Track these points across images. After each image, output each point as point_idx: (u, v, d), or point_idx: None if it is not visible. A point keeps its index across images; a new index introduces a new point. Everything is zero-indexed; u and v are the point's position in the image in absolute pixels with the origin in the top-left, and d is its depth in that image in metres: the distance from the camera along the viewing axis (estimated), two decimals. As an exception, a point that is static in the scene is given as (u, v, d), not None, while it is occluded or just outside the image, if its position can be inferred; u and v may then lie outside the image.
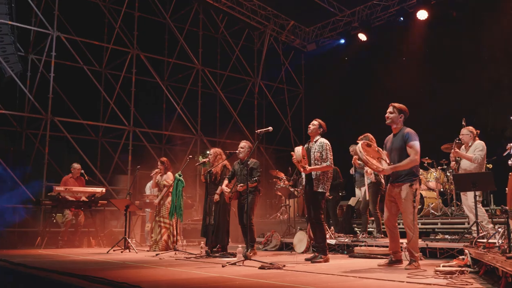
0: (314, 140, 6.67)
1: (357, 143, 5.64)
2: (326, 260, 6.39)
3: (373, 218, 8.79)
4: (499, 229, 5.12)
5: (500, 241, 4.62)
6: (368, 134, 8.03)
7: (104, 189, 10.65)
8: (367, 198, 8.63)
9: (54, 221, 10.46)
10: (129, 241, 8.93)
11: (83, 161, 11.87)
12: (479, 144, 7.33)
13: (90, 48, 13.75)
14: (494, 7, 10.78)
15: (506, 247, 4.04)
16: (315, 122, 6.78)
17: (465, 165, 7.36)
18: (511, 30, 9.67)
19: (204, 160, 8.33)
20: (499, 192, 7.39)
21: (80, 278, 4.65)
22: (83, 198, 10.21)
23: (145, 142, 13.58)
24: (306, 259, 6.51)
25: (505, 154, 5.13)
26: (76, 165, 10.55)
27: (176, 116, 14.44)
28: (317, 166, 6.43)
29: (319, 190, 6.46)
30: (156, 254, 7.81)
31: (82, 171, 10.57)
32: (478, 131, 7.58)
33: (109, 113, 13.75)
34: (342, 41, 14.77)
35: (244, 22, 15.39)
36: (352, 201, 10.05)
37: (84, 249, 9.88)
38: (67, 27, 13.00)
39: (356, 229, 9.85)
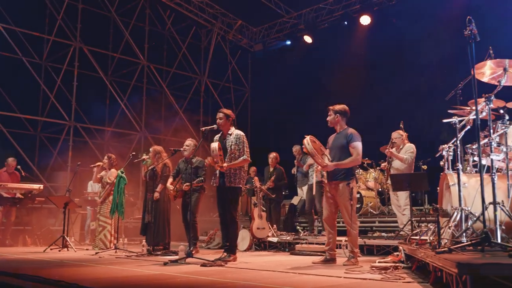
0: (229, 132, 6.29)
1: (304, 137, 5.76)
2: (235, 259, 6.07)
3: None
4: (430, 226, 5.38)
5: (431, 237, 4.86)
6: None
7: (41, 186, 10.26)
8: (310, 196, 8.84)
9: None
10: (68, 239, 8.67)
11: (20, 157, 11.40)
12: (410, 147, 7.80)
13: (30, 40, 13.18)
14: (431, 15, 11.32)
15: (436, 243, 4.27)
16: (220, 114, 6.33)
17: (397, 164, 7.78)
18: (446, 38, 10.14)
19: (144, 157, 8.23)
20: (433, 192, 7.77)
21: (13, 276, 4.48)
22: (18, 195, 9.81)
23: (86, 138, 13.22)
24: (215, 259, 5.87)
25: (437, 155, 5.40)
26: (11, 160, 10.12)
27: (120, 112, 14.15)
28: (235, 162, 6.08)
29: (236, 185, 6.14)
30: (96, 253, 7.63)
31: (19, 166, 10.15)
32: (407, 134, 7.99)
33: (49, 107, 13.25)
34: (288, 42, 15.01)
35: (191, 19, 15.31)
36: (294, 200, 10.25)
37: (19, 248, 9.49)
38: (6, 17, 12.41)
39: (298, 227, 10.04)
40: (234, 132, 6.30)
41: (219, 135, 6.43)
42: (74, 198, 9.90)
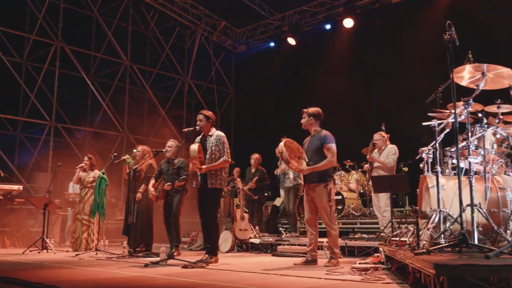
0: (209, 133, 6.30)
1: (281, 141, 5.79)
2: (216, 261, 6.08)
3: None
4: (410, 228, 5.45)
5: (410, 239, 4.92)
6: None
7: (21, 187, 10.14)
8: (288, 198, 8.90)
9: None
10: (47, 241, 8.56)
11: (-1, 157, 11.25)
12: (392, 148, 7.85)
13: (11, 38, 12.98)
14: (414, 20, 11.47)
15: (415, 244, 4.32)
16: (200, 115, 6.32)
17: (379, 166, 7.82)
18: (429, 42, 10.26)
19: (124, 157, 8.17)
20: (414, 194, 7.86)
21: (-9, 279, 4.43)
22: (-3, 196, 9.68)
23: (67, 139, 13.07)
24: (197, 261, 5.87)
25: (417, 157, 5.47)
26: (-10, 160, 9.99)
27: (102, 112, 14.03)
28: (214, 164, 6.09)
29: (216, 186, 6.15)
30: (76, 255, 7.56)
31: (-2, 167, 10.02)
32: (389, 135, 8.07)
33: (29, 107, 13.06)
34: (272, 44, 15.05)
35: (175, 20, 15.25)
36: (277, 201, 10.28)
37: (-3, 249, 9.36)
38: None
39: (281, 228, 10.07)
40: (215, 133, 6.32)
41: (200, 136, 6.44)
42: (54, 199, 9.78)
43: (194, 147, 6.06)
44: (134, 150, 8.28)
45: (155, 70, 15.60)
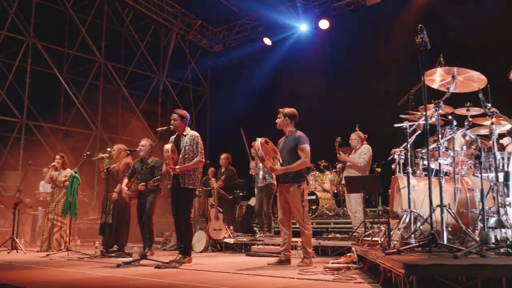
0: (184, 133, 6.28)
1: (256, 140, 5.81)
2: (189, 261, 6.05)
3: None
4: (382, 228, 5.52)
5: (382, 239, 4.99)
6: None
7: (-10, 186, 9.91)
8: (259, 197, 8.93)
9: None
10: (17, 241, 8.40)
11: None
12: (365, 148, 7.97)
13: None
14: (388, 22, 11.62)
15: (386, 244, 4.38)
16: (174, 115, 6.30)
17: (352, 167, 7.94)
18: (403, 44, 10.41)
19: (103, 155, 8.07)
20: (387, 194, 7.98)
21: (-43, 280, 4.31)
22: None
23: (39, 137, 12.83)
24: (170, 261, 5.87)
25: (389, 158, 5.55)
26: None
27: (75, 110, 13.80)
28: (188, 164, 6.07)
29: (189, 186, 6.12)
30: (47, 255, 7.43)
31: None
32: (366, 136, 8.17)
33: (-1, 105, 12.79)
34: (249, 44, 15.05)
35: (150, 18, 15.11)
36: (252, 201, 10.28)
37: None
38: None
39: (255, 228, 10.08)
40: (189, 133, 6.30)
41: (174, 135, 6.41)
42: (25, 199, 9.58)
43: (168, 147, 6.03)
44: (109, 149, 8.19)
45: (129, 68, 15.43)
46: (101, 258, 6.99)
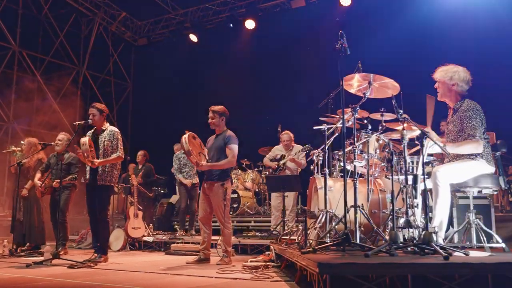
0: (102, 128, 6.11)
1: (185, 133, 5.76)
2: (106, 260, 5.93)
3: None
4: (300, 227, 5.67)
5: (299, 238, 5.12)
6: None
7: None
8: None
9: None
10: None
11: None
12: (298, 148, 8.04)
13: None
14: (313, 26, 11.91)
15: (303, 243, 4.50)
16: (93, 109, 6.09)
17: (291, 166, 7.97)
18: (325, 48, 10.72)
19: (15, 148, 7.63)
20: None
21: None
22: None
23: None
24: (85, 261, 5.71)
25: (308, 159, 5.71)
26: None
27: (-15, 100, 12.92)
28: (107, 159, 5.94)
29: (106, 184, 5.98)
30: None
31: None
32: (293, 135, 8.35)
33: None
34: (174, 39, 14.82)
35: (71, 6, 14.43)
36: (173, 199, 10.16)
37: None
38: None
39: (176, 226, 9.97)
40: (108, 128, 6.14)
41: (92, 130, 6.20)
42: None
43: (85, 139, 5.86)
44: (22, 142, 7.78)
45: (47, 58, 14.63)
46: (9, 257, 6.63)
